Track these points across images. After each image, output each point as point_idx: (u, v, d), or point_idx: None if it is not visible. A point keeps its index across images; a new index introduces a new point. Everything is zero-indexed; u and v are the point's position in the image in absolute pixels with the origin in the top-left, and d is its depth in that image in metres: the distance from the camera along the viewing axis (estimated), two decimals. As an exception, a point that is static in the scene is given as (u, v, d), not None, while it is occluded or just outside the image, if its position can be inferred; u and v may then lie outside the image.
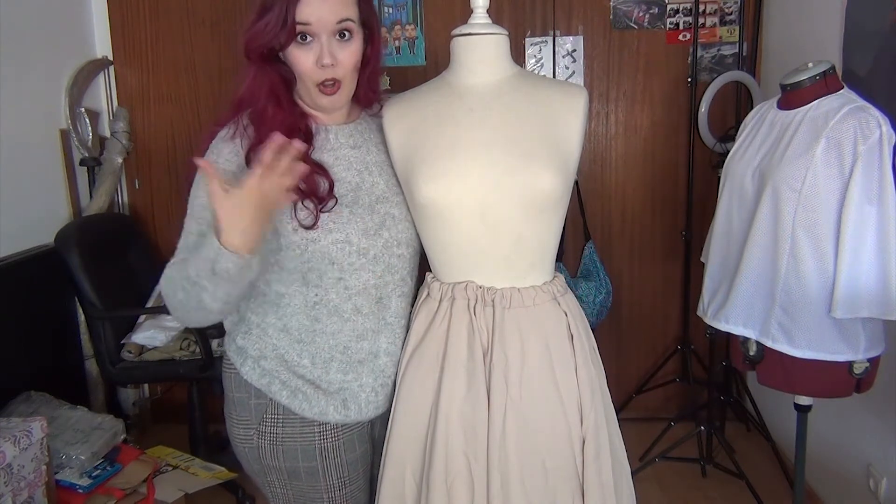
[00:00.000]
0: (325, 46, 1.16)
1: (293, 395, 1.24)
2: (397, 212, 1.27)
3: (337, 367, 1.25)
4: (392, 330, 1.30)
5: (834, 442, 2.24)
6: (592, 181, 3.02)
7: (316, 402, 1.24)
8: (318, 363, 1.25)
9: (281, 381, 1.25)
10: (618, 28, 2.92)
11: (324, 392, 1.25)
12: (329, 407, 1.25)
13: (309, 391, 1.24)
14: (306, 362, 1.25)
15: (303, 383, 1.25)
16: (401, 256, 1.28)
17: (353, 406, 1.27)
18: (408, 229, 1.29)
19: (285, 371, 1.25)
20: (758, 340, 1.70)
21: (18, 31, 2.47)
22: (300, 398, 1.24)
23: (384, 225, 1.25)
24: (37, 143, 2.60)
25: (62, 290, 2.46)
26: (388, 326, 1.29)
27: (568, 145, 1.24)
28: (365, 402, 1.28)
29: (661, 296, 3.09)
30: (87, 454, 2.02)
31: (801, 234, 1.58)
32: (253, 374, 1.26)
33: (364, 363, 1.27)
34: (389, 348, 1.29)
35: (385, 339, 1.29)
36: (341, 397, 1.26)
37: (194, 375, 2.46)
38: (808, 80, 1.64)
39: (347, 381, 1.26)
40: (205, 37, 2.97)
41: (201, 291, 1.06)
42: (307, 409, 1.24)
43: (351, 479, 1.30)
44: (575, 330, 1.26)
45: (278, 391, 1.24)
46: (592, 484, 1.22)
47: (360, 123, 1.32)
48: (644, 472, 2.64)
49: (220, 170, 1.14)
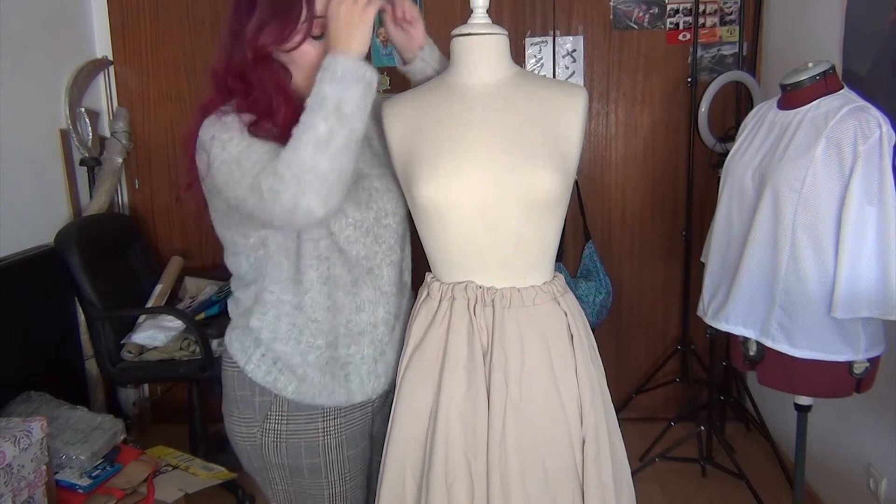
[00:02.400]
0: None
1: (300, 383, 1.25)
2: (379, 184, 1.29)
3: (342, 341, 1.26)
4: (388, 299, 1.31)
5: (834, 442, 2.24)
6: (592, 181, 3.02)
7: (322, 385, 1.25)
8: (331, 342, 1.25)
9: (290, 367, 1.24)
10: (618, 28, 2.92)
11: (330, 373, 1.26)
12: (335, 385, 1.26)
13: (315, 376, 1.25)
14: (321, 342, 1.25)
15: (311, 368, 1.25)
16: (387, 226, 1.29)
17: (355, 379, 1.28)
18: (392, 199, 1.30)
19: (297, 354, 1.24)
20: (758, 340, 1.70)
21: (18, 31, 2.47)
22: (306, 384, 1.25)
23: (372, 198, 1.27)
24: (37, 143, 2.60)
25: (62, 290, 2.46)
26: (384, 296, 1.30)
27: (568, 145, 1.24)
28: (366, 374, 1.29)
29: (661, 296, 3.09)
30: (87, 454, 2.02)
31: (801, 234, 1.58)
32: (258, 371, 1.26)
33: (364, 334, 1.28)
34: (386, 317, 1.31)
35: (382, 309, 1.30)
36: (344, 372, 1.27)
37: (194, 375, 2.46)
38: (808, 80, 1.64)
39: (350, 354, 1.27)
40: (205, 37, 2.97)
41: (341, 122, 1.06)
42: (315, 396, 1.25)
43: (352, 475, 1.31)
44: (575, 330, 1.26)
45: (284, 387, 1.25)
46: (592, 484, 1.22)
47: None
48: (644, 472, 2.64)
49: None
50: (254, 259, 1.24)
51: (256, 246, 1.23)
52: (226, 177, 1.12)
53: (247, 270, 1.26)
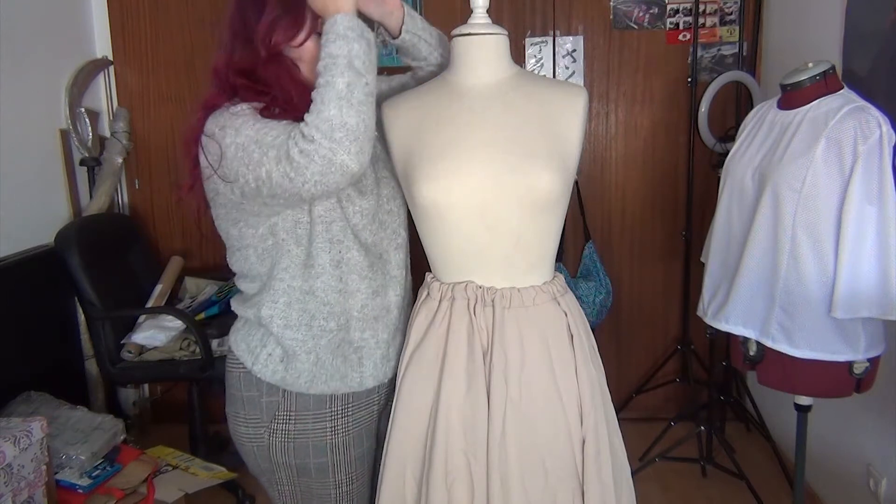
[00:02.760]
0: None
1: (313, 368, 1.25)
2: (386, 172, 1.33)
3: (356, 325, 1.27)
4: (397, 282, 1.33)
5: (834, 442, 2.24)
6: (592, 181, 3.02)
7: (334, 369, 1.26)
8: (343, 324, 1.26)
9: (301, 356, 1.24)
10: (618, 28, 2.92)
11: (343, 356, 1.27)
12: (347, 368, 1.27)
13: (327, 359, 1.25)
14: (332, 325, 1.25)
15: (323, 352, 1.25)
16: (390, 212, 1.32)
17: (368, 364, 1.29)
18: (392, 184, 1.33)
19: (310, 339, 1.25)
20: (758, 340, 1.70)
21: (18, 31, 2.47)
22: (319, 369, 1.25)
23: (378, 185, 1.29)
24: (37, 143, 2.60)
25: (62, 290, 2.46)
26: (393, 279, 1.32)
27: (568, 145, 1.24)
28: (380, 359, 1.30)
29: (661, 296, 3.09)
30: (87, 454, 2.02)
31: (801, 234, 1.58)
32: (266, 370, 1.26)
33: (379, 319, 1.30)
34: (398, 301, 1.33)
35: (393, 293, 1.32)
36: (357, 356, 1.28)
37: (194, 375, 2.46)
38: (808, 80, 1.64)
39: (365, 338, 1.28)
40: (205, 37, 2.97)
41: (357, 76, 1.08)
42: (328, 380, 1.26)
43: (358, 474, 1.32)
44: (575, 330, 1.26)
45: (294, 379, 1.25)
46: (592, 484, 1.22)
47: None
48: (644, 472, 2.64)
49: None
50: (262, 250, 1.24)
51: (265, 236, 1.22)
52: (244, 160, 1.11)
53: (254, 263, 1.26)
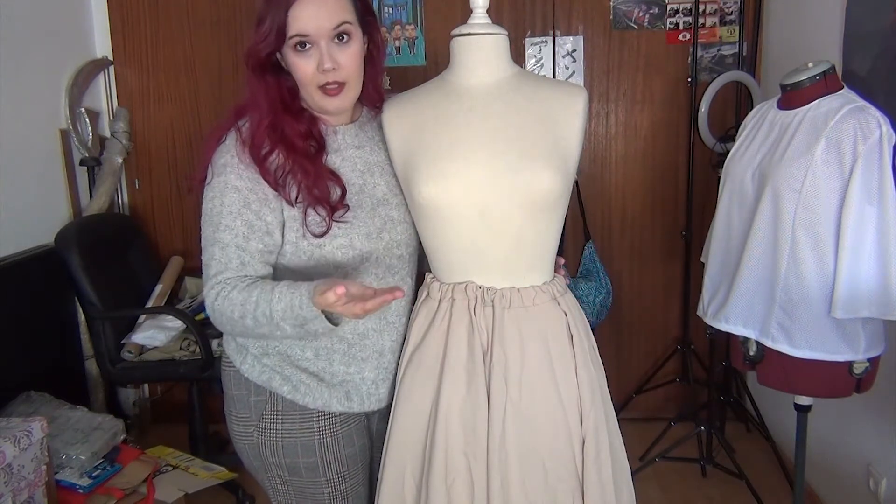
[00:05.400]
0: (324, 52, 1.16)
1: (295, 388, 1.25)
2: (396, 214, 1.29)
3: (339, 359, 1.26)
4: (394, 328, 1.31)
5: (834, 442, 2.24)
6: (592, 181, 3.02)
7: (319, 393, 1.26)
8: (322, 355, 1.26)
9: (283, 376, 1.25)
10: (618, 28, 2.92)
11: (327, 384, 1.26)
12: (332, 399, 1.26)
13: (312, 384, 1.25)
14: (309, 355, 1.26)
15: (306, 376, 1.25)
16: (400, 258, 1.29)
17: (355, 397, 1.28)
18: (406, 230, 1.30)
19: (288, 366, 1.25)
20: (758, 340, 1.70)
21: (18, 31, 2.47)
22: (303, 390, 1.25)
23: (385, 228, 1.26)
24: (37, 143, 2.60)
25: (62, 290, 2.46)
26: (390, 325, 1.30)
27: (568, 145, 1.24)
28: (367, 395, 1.29)
29: (661, 296, 3.09)
30: (87, 454, 2.02)
31: (801, 234, 1.58)
32: (253, 370, 1.26)
33: (367, 360, 1.28)
34: (394, 346, 1.31)
35: (388, 338, 1.31)
36: (344, 389, 1.27)
37: (194, 375, 2.46)
38: (808, 80, 1.64)
39: (350, 373, 1.27)
40: (205, 37, 2.97)
41: (276, 331, 1.12)
42: (310, 401, 1.25)
43: (350, 473, 1.31)
44: (575, 330, 1.26)
45: (279, 385, 1.25)
46: (592, 484, 1.22)
47: (363, 122, 1.33)
48: (644, 472, 2.64)
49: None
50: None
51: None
52: (204, 216, 1.21)
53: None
